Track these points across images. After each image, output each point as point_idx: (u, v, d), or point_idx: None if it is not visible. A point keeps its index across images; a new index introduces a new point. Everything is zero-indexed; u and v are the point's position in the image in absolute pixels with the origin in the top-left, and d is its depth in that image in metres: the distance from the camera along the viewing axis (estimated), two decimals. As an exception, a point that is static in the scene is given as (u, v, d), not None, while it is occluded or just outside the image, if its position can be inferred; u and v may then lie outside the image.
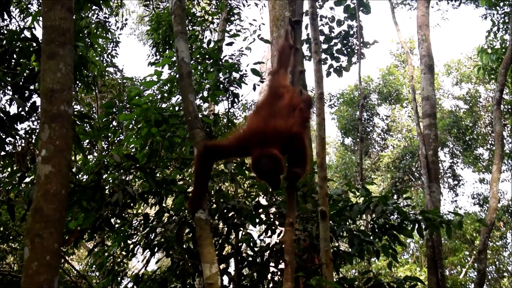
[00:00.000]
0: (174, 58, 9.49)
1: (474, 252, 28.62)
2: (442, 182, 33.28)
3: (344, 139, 35.66)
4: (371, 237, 9.27)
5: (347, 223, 9.45)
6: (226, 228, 9.10)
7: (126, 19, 24.45)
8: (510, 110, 25.48)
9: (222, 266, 8.94)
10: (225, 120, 12.16)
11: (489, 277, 32.59)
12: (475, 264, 24.64)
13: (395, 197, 25.12)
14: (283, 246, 5.81)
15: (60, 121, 4.64)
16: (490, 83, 32.22)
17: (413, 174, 32.95)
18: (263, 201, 9.68)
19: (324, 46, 17.16)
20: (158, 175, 9.51)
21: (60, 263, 4.62)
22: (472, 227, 29.25)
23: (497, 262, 33.42)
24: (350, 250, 9.22)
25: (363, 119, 31.28)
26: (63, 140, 4.57)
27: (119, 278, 10.35)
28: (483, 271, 13.16)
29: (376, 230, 9.47)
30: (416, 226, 9.33)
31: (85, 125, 9.50)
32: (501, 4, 23.74)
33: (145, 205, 10.25)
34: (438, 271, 12.24)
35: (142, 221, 9.52)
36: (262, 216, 9.34)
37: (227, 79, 10.95)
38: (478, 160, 34.59)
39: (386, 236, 9.43)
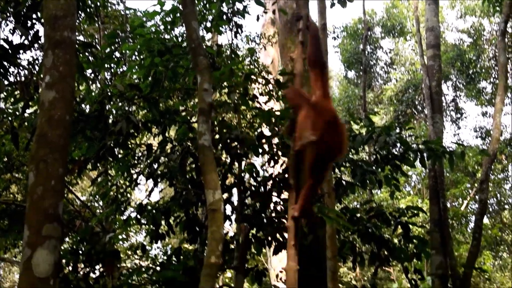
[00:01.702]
0: (178, -13, 9.41)
1: (476, 185, 28.70)
2: (445, 116, 33.22)
3: (347, 72, 35.55)
4: (374, 167, 9.30)
5: (350, 153, 9.48)
6: (229, 158, 9.11)
7: (127, -51, 24.14)
8: (514, 43, 25.31)
9: (225, 195, 8.98)
10: (228, 52, 12.11)
11: (490, 209, 32.77)
12: (477, 196, 24.77)
13: (397, 130, 25.12)
14: (286, 174, 5.83)
15: (63, 47, 4.62)
16: (495, 16, 31.90)
17: (416, 107, 32.90)
18: (266, 132, 9.69)
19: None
20: (161, 105, 9.50)
21: (64, 189, 4.66)
22: (474, 159, 29.28)
23: (498, 195, 33.56)
24: (352, 180, 9.26)
25: (366, 52, 31.05)
26: (67, 66, 4.56)
27: (122, 208, 10.44)
28: (484, 201, 13.22)
29: (379, 160, 9.50)
30: (419, 157, 9.36)
31: (88, 54, 9.44)
32: None
33: (148, 135, 10.28)
34: (440, 201, 12.31)
35: (146, 151, 9.53)
36: (265, 146, 9.35)
37: (230, 10, 10.85)
38: (481, 93, 34.48)
39: (388, 166, 9.46)
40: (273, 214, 9.11)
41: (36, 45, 8.03)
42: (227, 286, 10.02)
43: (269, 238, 8.98)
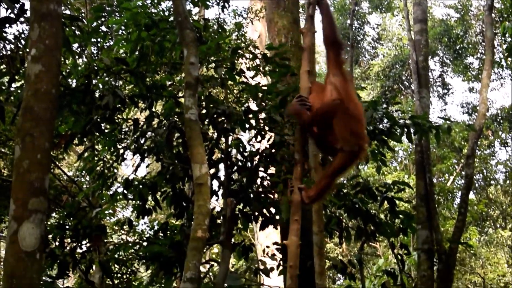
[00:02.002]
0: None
1: (462, 161, 28.79)
2: (432, 91, 33.29)
3: (334, 47, 35.38)
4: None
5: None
6: (216, 133, 9.11)
7: None
8: (501, 19, 25.31)
9: (212, 171, 8.99)
10: (215, 26, 12.06)
11: (476, 185, 32.93)
12: (463, 172, 24.84)
13: (384, 105, 25.14)
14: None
15: (49, 20, 4.60)
16: (482, -9, 31.91)
17: (403, 83, 32.94)
18: (253, 106, 9.68)
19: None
20: (148, 79, 9.48)
21: (50, 163, 4.64)
22: (460, 135, 29.36)
23: (484, 171, 33.71)
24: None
25: (353, 27, 31.00)
26: (53, 39, 4.54)
27: (109, 183, 10.43)
28: (470, 176, 13.26)
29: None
30: (405, 131, 9.37)
31: (74, 28, 9.38)
32: None
33: (135, 110, 10.25)
34: (426, 176, 12.35)
35: (132, 126, 9.51)
36: (252, 121, 9.35)
37: (217, -17, 10.82)
38: (468, 69, 34.52)
39: (375, 141, 9.47)
40: (260, 189, 9.13)
41: (22, 19, 7.95)
42: (213, 261, 10.05)
43: (256, 213, 9.02)
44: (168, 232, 9.61)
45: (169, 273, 8.70)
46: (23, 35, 9.49)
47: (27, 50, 4.95)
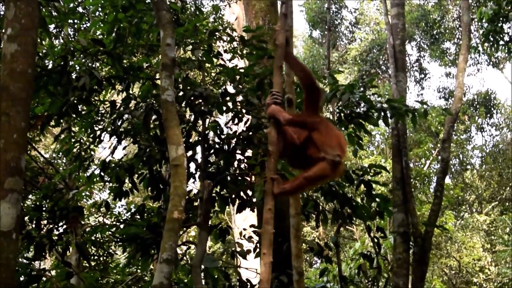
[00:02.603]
0: None
1: (439, 145, 28.89)
2: (409, 76, 33.39)
3: (312, 31, 35.41)
4: (337, 126, 9.33)
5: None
6: (193, 116, 9.11)
7: None
8: (477, 4, 25.38)
9: (189, 153, 9.00)
10: (192, 8, 12.03)
11: (452, 170, 33.11)
12: (439, 157, 24.94)
13: (361, 89, 25.20)
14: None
15: (25, -1, 4.58)
16: (459, -24, 31.96)
17: (380, 67, 33.02)
18: (231, 89, 9.69)
19: None
20: (125, 61, 9.45)
21: (27, 143, 4.63)
22: (437, 120, 29.47)
23: (460, 156, 33.87)
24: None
25: (331, 11, 31.00)
26: (29, 18, 4.52)
27: (85, 165, 10.40)
28: (446, 159, 13.34)
29: (343, 118, 9.52)
30: (382, 115, 9.40)
31: (51, 8, 9.32)
32: None
33: (112, 92, 10.22)
34: (403, 159, 12.41)
35: (109, 108, 9.49)
36: (229, 104, 9.35)
37: (194, -35, 10.78)
38: (445, 54, 34.63)
39: (352, 125, 9.50)
40: (237, 172, 9.14)
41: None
42: (190, 243, 10.07)
43: (233, 196, 9.03)
44: (145, 215, 9.62)
45: (146, 254, 8.71)
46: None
47: (3, 30, 4.93)
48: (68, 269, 9.21)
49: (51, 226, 9.12)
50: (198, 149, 9.14)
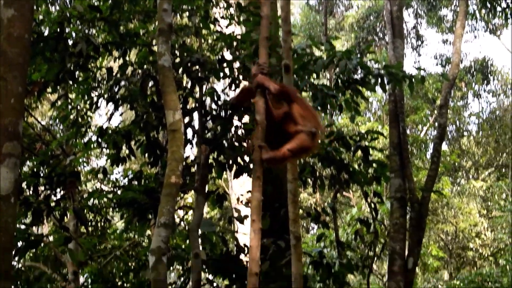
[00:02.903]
0: None
1: (435, 112, 28.90)
2: (406, 43, 33.26)
3: (309, -2, 35.33)
4: (335, 92, 9.32)
5: (311, 78, 9.49)
6: (190, 82, 9.11)
7: None
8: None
9: (186, 119, 9.00)
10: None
11: (449, 136, 33.19)
12: (436, 123, 24.92)
13: (358, 56, 25.17)
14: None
15: (21, -36, 4.55)
16: None
17: (377, 34, 32.93)
18: (228, 55, 9.68)
19: None
20: (121, 28, 9.42)
21: (24, 109, 4.64)
22: (434, 86, 29.47)
23: (457, 122, 33.95)
24: (313, 103, 9.28)
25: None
26: (25, -17, 4.50)
27: (82, 131, 10.42)
28: (443, 125, 13.32)
29: (340, 85, 9.52)
30: (379, 81, 9.40)
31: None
32: None
33: (109, 58, 10.20)
34: (400, 125, 12.38)
35: (106, 74, 9.48)
36: (226, 70, 9.35)
37: None
38: (442, 21, 34.52)
39: (349, 91, 9.49)
40: (234, 138, 9.16)
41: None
42: (188, 207, 10.10)
43: (230, 162, 9.05)
44: (143, 181, 9.64)
45: (142, 219, 8.74)
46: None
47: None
48: (66, 234, 9.25)
49: (48, 192, 9.15)
50: (195, 115, 9.14)
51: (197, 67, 8.85)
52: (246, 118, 9.45)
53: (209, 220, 8.96)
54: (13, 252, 4.24)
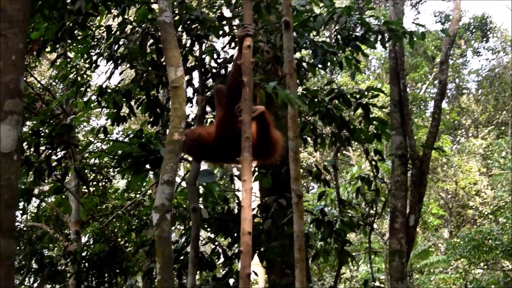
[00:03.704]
0: None
1: (435, 69, 28.88)
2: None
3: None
4: (335, 48, 9.29)
5: (311, 34, 9.46)
6: (189, 40, 9.07)
7: None
8: None
9: (186, 78, 8.98)
10: None
11: (449, 94, 33.20)
12: (435, 81, 24.88)
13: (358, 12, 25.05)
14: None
15: None
16: None
17: (376, -9, 32.75)
18: (227, 13, 9.63)
19: None
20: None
21: (24, 66, 4.62)
22: (433, 44, 29.41)
23: (457, 80, 33.93)
24: (314, 60, 9.25)
25: None
26: None
27: (82, 90, 10.40)
28: (444, 81, 13.28)
29: (340, 41, 9.49)
30: (379, 37, 9.37)
31: None
32: None
33: (108, 16, 10.14)
34: (400, 82, 12.35)
35: (105, 33, 9.45)
36: (226, 28, 9.31)
37: None
38: (442, -23, 34.39)
39: (349, 48, 9.47)
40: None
41: None
42: (186, 160, 10.07)
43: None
44: (143, 140, 9.64)
45: (138, 172, 8.71)
46: None
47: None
48: (57, 184, 9.23)
49: (49, 151, 9.14)
50: (195, 73, 9.12)
51: (197, 24, 8.81)
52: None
53: (207, 170, 8.86)
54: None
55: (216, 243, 9.58)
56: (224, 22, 9.24)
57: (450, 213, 28.37)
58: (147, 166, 8.83)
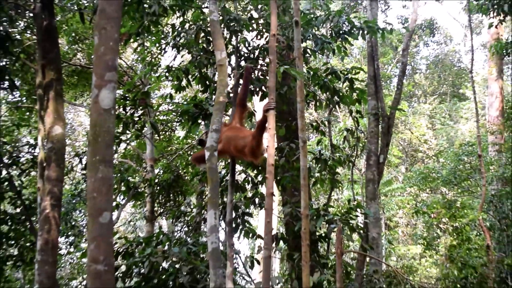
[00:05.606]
0: None
1: (397, 55, 28.72)
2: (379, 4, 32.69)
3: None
4: (330, 40, 9.25)
5: (313, 30, 9.38)
6: (229, 34, 9.01)
7: None
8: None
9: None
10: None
11: (406, 73, 32.89)
12: (398, 64, 24.65)
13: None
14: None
15: None
16: None
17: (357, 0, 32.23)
18: (255, 14, 9.57)
19: None
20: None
21: (118, 50, 4.58)
22: (396, 38, 29.26)
23: (412, 63, 33.88)
24: (315, 48, 9.22)
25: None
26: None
27: (155, 69, 10.40)
28: (405, 63, 13.23)
29: (333, 35, 9.43)
30: (361, 32, 9.33)
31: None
32: None
33: (173, 17, 10.05)
34: (375, 63, 12.31)
35: (171, 28, 9.42)
36: (254, 25, 9.26)
37: None
38: (403, -9, 33.82)
39: (340, 39, 9.43)
40: (259, 74, 9.10)
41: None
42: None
43: (257, 89, 9.02)
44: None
45: (194, 123, 8.75)
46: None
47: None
48: (138, 133, 9.33)
49: (133, 110, 9.17)
50: (233, 57, 9.06)
51: (234, 23, 8.75)
52: (267, 60, 9.36)
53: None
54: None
55: (247, 173, 9.62)
56: (253, 21, 9.20)
57: (406, 155, 28.35)
58: (200, 120, 8.86)
